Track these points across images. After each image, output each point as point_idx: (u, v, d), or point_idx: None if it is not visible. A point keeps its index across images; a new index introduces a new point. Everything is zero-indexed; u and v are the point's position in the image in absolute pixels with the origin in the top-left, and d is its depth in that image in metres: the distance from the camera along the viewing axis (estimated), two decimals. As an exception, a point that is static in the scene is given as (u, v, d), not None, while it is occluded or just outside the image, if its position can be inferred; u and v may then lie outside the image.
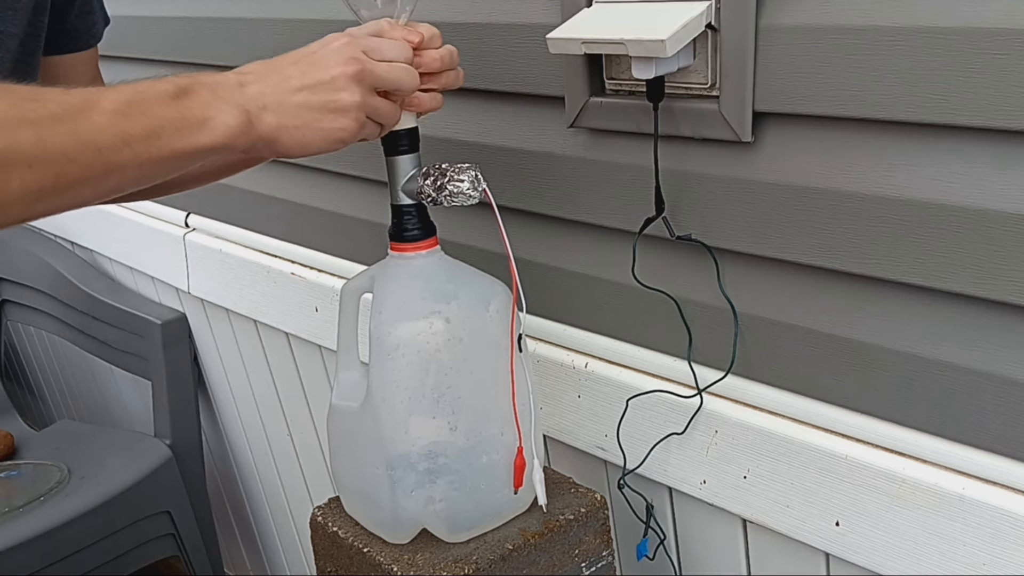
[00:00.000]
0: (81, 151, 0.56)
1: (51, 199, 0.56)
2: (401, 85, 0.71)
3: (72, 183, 0.56)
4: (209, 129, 0.62)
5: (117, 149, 0.57)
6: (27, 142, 0.53)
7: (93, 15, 0.90)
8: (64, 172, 0.55)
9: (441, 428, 0.79)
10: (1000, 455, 0.72)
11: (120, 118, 0.58)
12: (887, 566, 0.79)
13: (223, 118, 0.62)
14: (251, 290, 1.42)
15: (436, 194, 0.75)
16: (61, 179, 0.55)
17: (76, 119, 0.56)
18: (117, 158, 0.57)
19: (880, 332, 0.75)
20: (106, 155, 0.57)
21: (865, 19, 0.67)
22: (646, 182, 0.82)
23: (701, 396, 0.87)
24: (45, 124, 0.55)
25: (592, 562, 0.88)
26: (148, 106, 0.60)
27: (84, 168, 0.56)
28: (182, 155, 0.61)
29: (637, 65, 0.74)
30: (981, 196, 0.66)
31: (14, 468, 1.70)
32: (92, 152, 0.56)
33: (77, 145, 0.56)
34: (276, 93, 0.65)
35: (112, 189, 0.60)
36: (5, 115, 0.53)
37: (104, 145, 0.57)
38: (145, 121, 0.59)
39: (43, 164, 0.54)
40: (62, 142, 0.55)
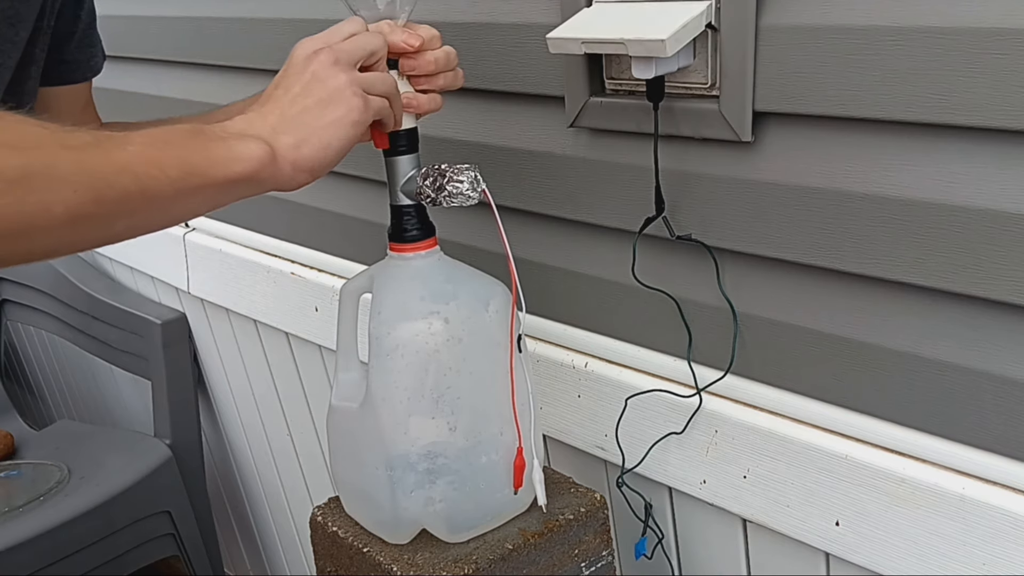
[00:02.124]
0: (118, 175, 0.56)
1: (91, 226, 0.56)
2: (372, 47, 0.71)
3: (112, 210, 0.56)
4: (237, 159, 0.62)
5: (153, 176, 0.57)
6: (67, 165, 0.54)
7: (93, 48, 0.89)
8: (103, 196, 0.55)
9: (441, 428, 0.79)
10: (1000, 455, 0.72)
11: (152, 147, 0.58)
12: (887, 566, 0.79)
13: (247, 149, 0.62)
14: (251, 290, 1.42)
15: (435, 194, 0.75)
16: (101, 205, 0.55)
17: (111, 146, 0.57)
18: (154, 185, 0.57)
19: (880, 332, 0.75)
20: (143, 181, 0.57)
21: (865, 19, 0.67)
22: (646, 182, 0.82)
23: (700, 396, 0.87)
24: (83, 149, 0.55)
25: (592, 562, 0.88)
26: (175, 139, 0.60)
27: (121, 193, 0.56)
28: (215, 185, 0.61)
29: (637, 65, 0.74)
30: (981, 196, 0.66)
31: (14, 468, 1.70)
32: (129, 177, 0.56)
33: (114, 169, 0.56)
34: (276, 115, 0.66)
35: (150, 221, 0.60)
36: (44, 139, 0.54)
37: (140, 171, 0.57)
38: (176, 151, 0.59)
39: (84, 188, 0.54)
40: (100, 166, 0.55)
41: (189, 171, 0.59)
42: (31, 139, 0.54)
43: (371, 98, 0.69)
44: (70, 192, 0.53)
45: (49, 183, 0.52)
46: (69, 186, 0.53)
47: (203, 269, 1.52)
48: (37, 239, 0.54)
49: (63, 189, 0.53)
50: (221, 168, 0.61)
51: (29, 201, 0.51)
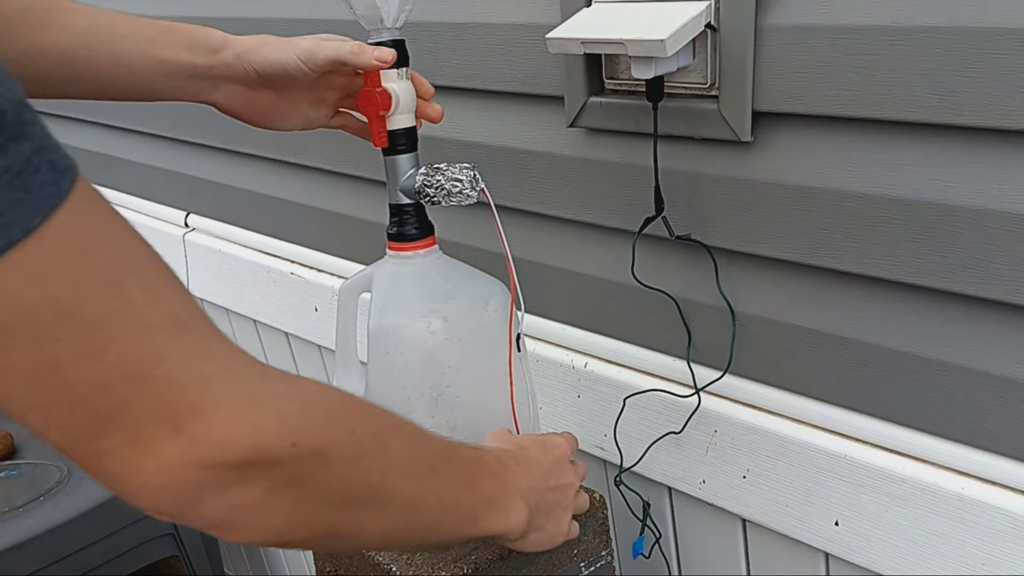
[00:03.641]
0: (432, 508, 0.57)
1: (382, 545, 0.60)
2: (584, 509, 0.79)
3: (409, 539, 0.58)
4: (506, 518, 0.64)
5: (449, 514, 0.59)
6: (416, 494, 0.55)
7: None
8: (413, 526, 0.56)
9: (440, 427, 0.79)
10: (1000, 455, 0.72)
11: (464, 488, 0.60)
12: (886, 566, 0.79)
13: (517, 511, 0.64)
14: (251, 290, 1.42)
15: (434, 193, 0.75)
16: (408, 532, 0.56)
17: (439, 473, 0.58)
18: (445, 523, 0.59)
19: (880, 332, 0.75)
20: (444, 517, 0.58)
21: (865, 19, 0.67)
22: (646, 182, 0.82)
23: (699, 395, 0.87)
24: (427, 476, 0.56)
25: (591, 562, 0.88)
26: (480, 482, 0.62)
27: (427, 524, 0.57)
28: (478, 533, 0.62)
29: (636, 65, 0.74)
30: (981, 196, 0.66)
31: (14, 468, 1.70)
32: (438, 513, 0.58)
33: (434, 505, 0.57)
34: (534, 491, 0.68)
35: (405, 543, 0.64)
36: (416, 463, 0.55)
37: (447, 506, 0.58)
38: (472, 499, 0.61)
39: (407, 520, 0.55)
40: (429, 503, 0.56)
41: (472, 518, 0.61)
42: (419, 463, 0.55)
43: None
44: (394, 522, 0.54)
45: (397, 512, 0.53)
46: (402, 519, 0.54)
47: (203, 269, 1.52)
48: (320, 545, 0.57)
49: (396, 519, 0.54)
50: (491, 522, 0.62)
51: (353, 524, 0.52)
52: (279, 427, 0.45)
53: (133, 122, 1.54)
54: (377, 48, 0.72)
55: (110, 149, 1.66)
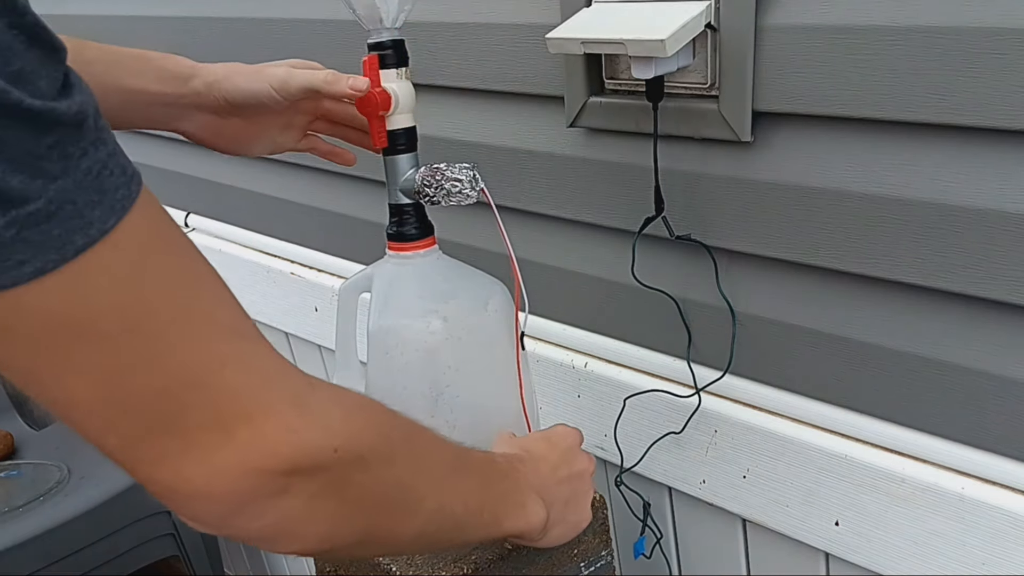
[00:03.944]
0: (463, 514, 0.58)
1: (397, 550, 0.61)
2: None
3: (438, 542, 0.60)
4: (526, 517, 0.64)
5: (474, 518, 0.60)
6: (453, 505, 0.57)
7: None
8: (442, 528, 0.57)
9: (440, 427, 0.79)
10: (1000, 455, 0.72)
11: (484, 488, 0.61)
12: (887, 566, 0.79)
13: (536, 508, 0.65)
14: (251, 290, 1.42)
15: (434, 193, 0.75)
16: (437, 536, 0.57)
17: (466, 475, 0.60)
18: (472, 525, 0.60)
19: (880, 332, 0.75)
20: (471, 520, 0.60)
21: (865, 19, 0.67)
22: (646, 182, 0.82)
23: (699, 396, 0.87)
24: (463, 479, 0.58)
25: (591, 562, 0.88)
26: (494, 479, 0.63)
27: (453, 525, 0.58)
28: (501, 534, 0.63)
29: (636, 65, 0.74)
30: (981, 196, 0.66)
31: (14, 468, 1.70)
32: (466, 517, 0.59)
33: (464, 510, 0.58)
34: (546, 488, 0.68)
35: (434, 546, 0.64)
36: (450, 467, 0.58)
37: (473, 509, 0.59)
38: (493, 495, 0.62)
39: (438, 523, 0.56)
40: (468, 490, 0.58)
41: (495, 519, 0.62)
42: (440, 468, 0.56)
43: None
44: (425, 525, 0.54)
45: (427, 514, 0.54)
46: (432, 521, 0.55)
47: (203, 269, 1.52)
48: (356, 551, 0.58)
49: (427, 522, 0.55)
50: (512, 522, 0.63)
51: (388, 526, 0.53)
52: (324, 433, 0.46)
53: (133, 122, 1.54)
54: (352, 77, 0.73)
55: (110, 149, 1.66)
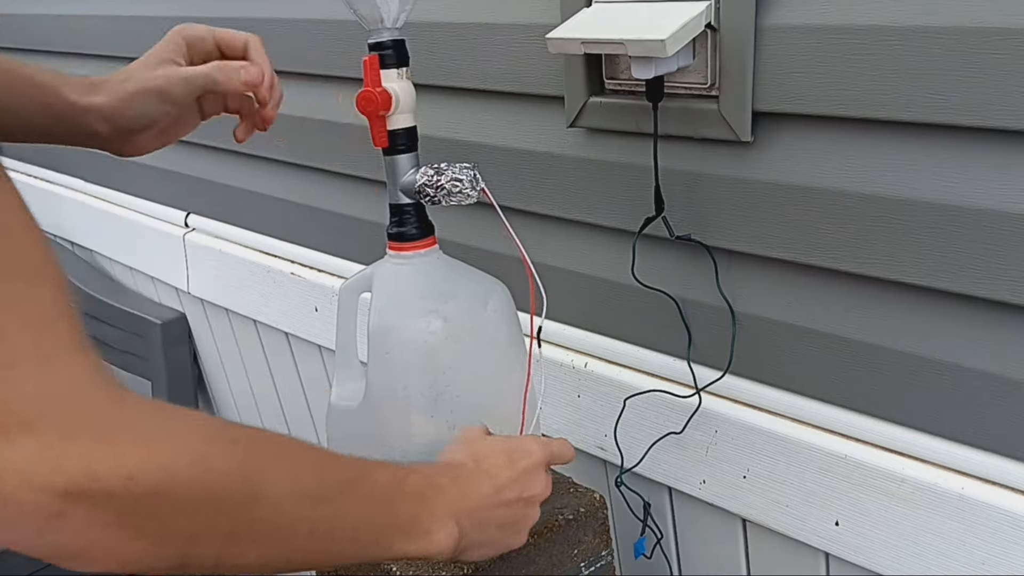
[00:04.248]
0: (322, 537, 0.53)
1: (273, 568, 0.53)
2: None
3: (292, 567, 0.53)
4: (428, 542, 0.60)
5: (347, 544, 0.55)
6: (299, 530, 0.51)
7: None
8: (292, 559, 0.51)
9: (440, 427, 0.79)
10: (1000, 455, 0.72)
11: (367, 510, 0.56)
12: (887, 566, 0.79)
13: (444, 534, 0.60)
14: (251, 290, 1.42)
15: (434, 193, 0.75)
16: (292, 560, 0.52)
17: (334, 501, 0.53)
18: (342, 552, 0.55)
19: (880, 332, 0.75)
20: (337, 548, 0.54)
21: (865, 19, 0.67)
22: (646, 182, 0.82)
23: (699, 396, 0.87)
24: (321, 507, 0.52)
25: (591, 562, 0.88)
26: (394, 504, 0.58)
27: (313, 556, 0.53)
28: (387, 558, 0.61)
29: (636, 65, 0.74)
30: (981, 196, 0.66)
31: (14, 468, 1.70)
32: (327, 544, 0.53)
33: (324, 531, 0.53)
34: (480, 509, 0.64)
35: (293, 568, 0.55)
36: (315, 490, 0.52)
37: (339, 537, 0.54)
38: (379, 520, 0.57)
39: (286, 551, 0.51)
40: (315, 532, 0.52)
41: (381, 545, 0.57)
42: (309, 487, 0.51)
43: None
44: (269, 552, 0.50)
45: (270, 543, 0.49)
46: (278, 549, 0.50)
47: (203, 269, 1.52)
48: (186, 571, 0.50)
49: (271, 550, 0.50)
50: (408, 546, 0.58)
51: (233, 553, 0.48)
52: (117, 457, 0.41)
53: (133, 122, 1.54)
54: (244, 68, 0.74)
55: (110, 149, 1.66)
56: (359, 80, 0.75)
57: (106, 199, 1.73)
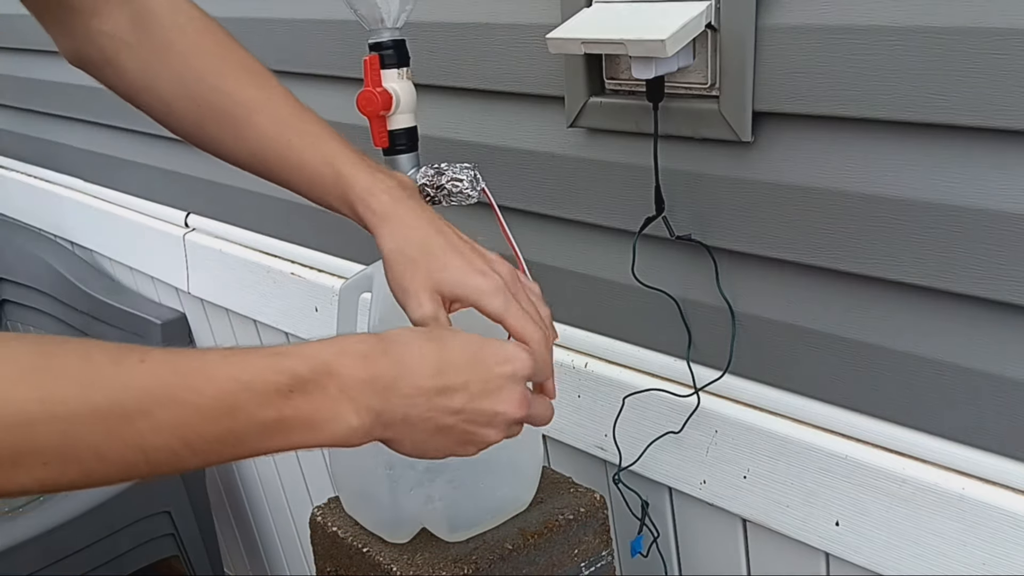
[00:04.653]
0: (123, 453, 0.46)
1: (66, 487, 0.47)
2: (544, 422, 0.65)
3: (98, 479, 0.47)
4: (320, 430, 0.51)
5: (174, 452, 0.47)
6: (51, 440, 0.44)
7: None
8: (93, 470, 0.46)
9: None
10: (1000, 455, 0.72)
11: (202, 421, 0.47)
12: (887, 566, 0.79)
13: (343, 420, 0.52)
14: (251, 290, 1.42)
15: (434, 193, 0.75)
16: (87, 477, 0.46)
17: (136, 419, 0.46)
18: (169, 458, 0.48)
19: (880, 332, 0.75)
20: (153, 456, 0.47)
21: (865, 19, 0.67)
22: (646, 182, 0.82)
23: (698, 395, 0.87)
24: (86, 421, 0.45)
25: (592, 562, 0.88)
26: (246, 410, 0.48)
27: (120, 468, 0.47)
28: (262, 452, 0.51)
29: (637, 65, 0.74)
30: (981, 196, 0.66)
31: (14, 468, 1.70)
32: (137, 454, 0.46)
33: (121, 448, 0.46)
34: (419, 410, 0.54)
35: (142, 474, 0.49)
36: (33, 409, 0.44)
37: (156, 452, 0.47)
38: (230, 426, 0.48)
39: (66, 463, 0.45)
40: (99, 443, 0.45)
41: (233, 447, 0.49)
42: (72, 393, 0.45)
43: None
44: (40, 467, 0.45)
45: (13, 460, 0.44)
46: (41, 461, 0.44)
47: (203, 269, 1.52)
48: None
49: (33, 466, 0.44)
50: (286, 439, 0.50)
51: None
52: None
53: (133, 122, 1.54)
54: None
55: (110, 149, 1.66)
56: (359, 80, 0.75)
57: (106, 199, 1.73)
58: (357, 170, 0.69)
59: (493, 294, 0.63)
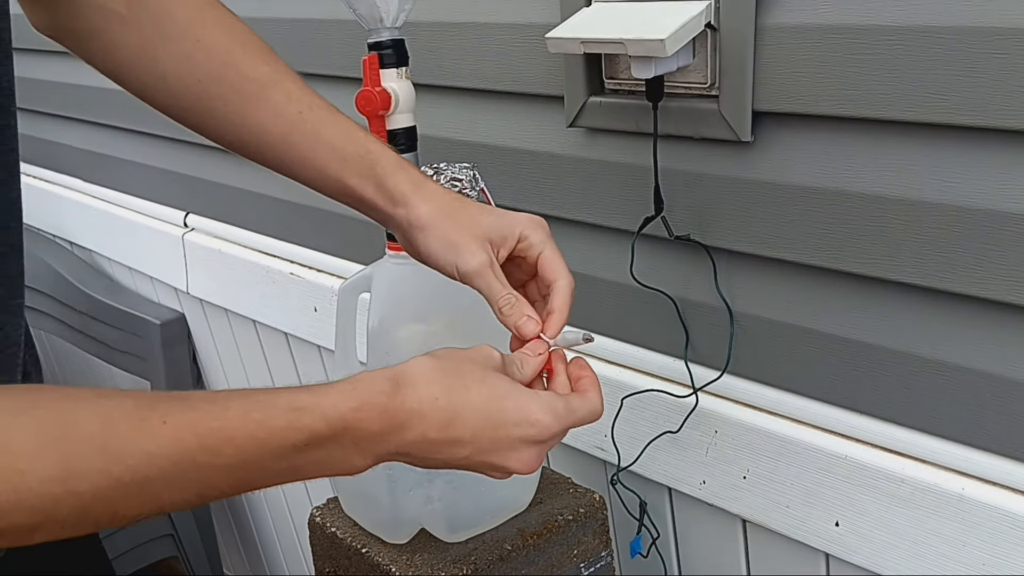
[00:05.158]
0: (139, 510, 0.47)
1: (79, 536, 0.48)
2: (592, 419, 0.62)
3: (110, 527, 0.48)
4: (326, 470, 0.52)
5: (187, 502, 0.49)
6: (72, 512, 0.45)
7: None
8: (107, 524, 0.47)
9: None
10: (1000, 455, 0.72)
11: (218, 477, 0.48)
12: (887, 566, 0.79)
13: (350, 463, 0.52)
14: (250, 290, 1.42)
15: (435, 193, 0.75)
16: (100, 528, 0.47)
17: (156, 484, 0.46)
18: (181, 506, 0.49)
19: (880, 332, 0.75)
20: (167, 507, 0.48)
21: (865, 19, 0.66)
22: (645, 181, 0.82)
23: (696, 395, 0.87)
24: (107, 493, 0.45)
25: (591, 562, 0.88)
26: (261, 464, 0.49)
27: (133, 519, 0.47)
28: (271, 485, 0.52)
29: (636, 65, 0.74)
30: (981, 196, 0.66)
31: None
32: (152, 508, 0.47)
33: (137, 506, 0.47)
34: (422, 453, 0.54)
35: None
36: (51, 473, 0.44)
37: (171, 505, 0.48)
38: (244, 477, 0.49)
39: (83, 525, 0.46)
40: (117, 506, 0.46)
41: (247, 487, 0.50)
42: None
43: None
44: (57, 528, 0.46)
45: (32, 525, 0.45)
46: (58, 524, 0.45)
47: (202, 269, 1.52)
48: None
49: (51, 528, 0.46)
50: (293, 478, 0.51)
51: None
52: None
53: (133, 122, 1.54)
54: (521, 318, 0.62)
55: (110, 149, 1.66)
56: (359, 80, 0.75)
57: (105, 199, 1.73)
58: (384, 148, 0.68)
59: (537, 226, 0.65)
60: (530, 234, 0.65)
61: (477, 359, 0.57)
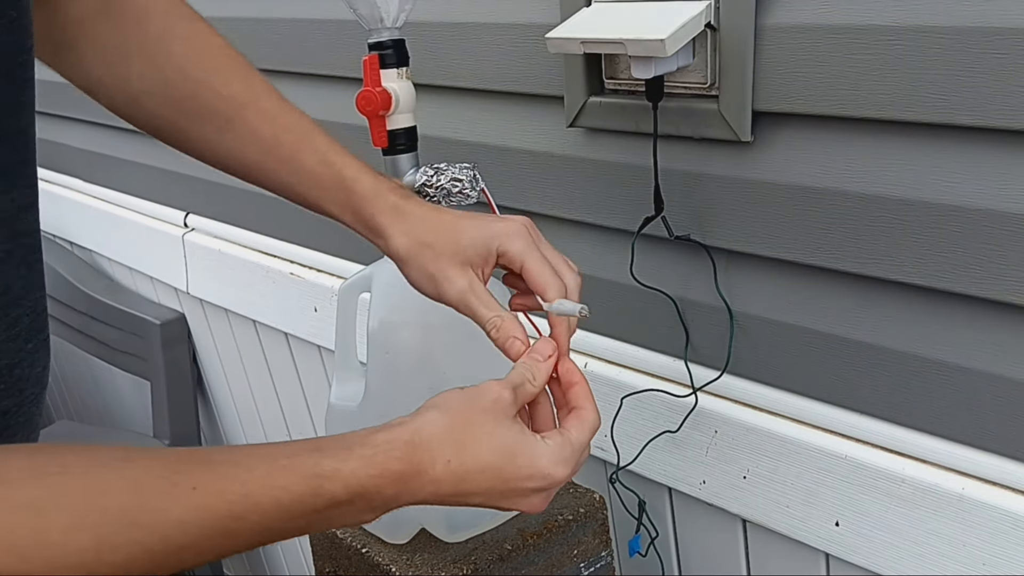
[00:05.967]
0: (164, 569, 0.47)
1: None
2: None
3: None
4: (338, 524, 0.54)
5: (207, 558, 0.49)
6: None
7: None
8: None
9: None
10: (1000, 455, 0.72)
11: (240, 539, 0.49)
12: (887, 566, 0.79)
13: (361, 519, 0.54)
14: (250, 290, 1.42)
15: (434, 193, 0.75)
16: None
17: (184, 550, 0.46)
18: (201, 561, 0.49)
19: (880, 332, 0.75)
20: (189, 564, 0.48)
21: (865, 19, 0.66)
22: (645, 181, 0.82)
23: (696, 395, 0.87)
24: (138, 559, 0.45)
25: (591, 562, 0.88)
26: (280, 526, 0.50)
27: (164, 571, 0.47)
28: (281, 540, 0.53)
29: (636, 65, 0.74)
30: (981, 196, 0.66)
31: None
32: (176, 566, 0.47)
33: (163, 567, 0.47)
34: (431, 500, 0.56)
35: None
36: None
37: (192, 562, 0.48)
38: (263, 538, 0.50)
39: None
40: (146, 570, 0.46)
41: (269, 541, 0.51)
42: None
43: None
44: None
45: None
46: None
47: (202, 269, 1.52)
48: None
49: None
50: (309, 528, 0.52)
51: None
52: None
53: (132, 122, 1.54)
54: (510, 338, 0.63)
55: (110, 149, 1.66)
56: (359, 80, 0.75)
57: (105, 199, 1.73)
58: (359, 172, 0.67)
59: (515, 235, 0.63)
60: (509, 247, 0.63)
61: (487, 408, 0.57)
